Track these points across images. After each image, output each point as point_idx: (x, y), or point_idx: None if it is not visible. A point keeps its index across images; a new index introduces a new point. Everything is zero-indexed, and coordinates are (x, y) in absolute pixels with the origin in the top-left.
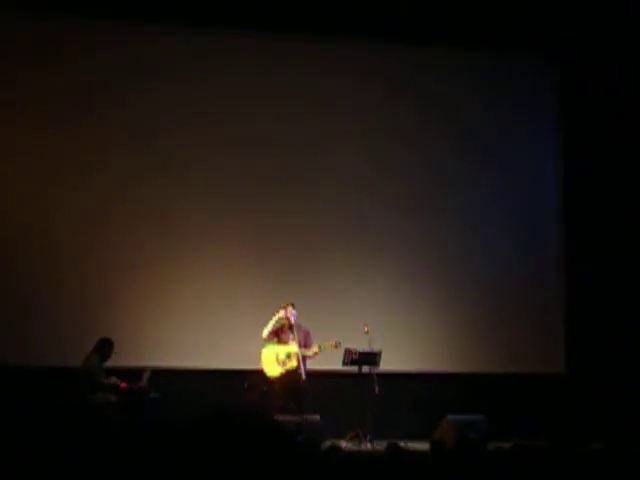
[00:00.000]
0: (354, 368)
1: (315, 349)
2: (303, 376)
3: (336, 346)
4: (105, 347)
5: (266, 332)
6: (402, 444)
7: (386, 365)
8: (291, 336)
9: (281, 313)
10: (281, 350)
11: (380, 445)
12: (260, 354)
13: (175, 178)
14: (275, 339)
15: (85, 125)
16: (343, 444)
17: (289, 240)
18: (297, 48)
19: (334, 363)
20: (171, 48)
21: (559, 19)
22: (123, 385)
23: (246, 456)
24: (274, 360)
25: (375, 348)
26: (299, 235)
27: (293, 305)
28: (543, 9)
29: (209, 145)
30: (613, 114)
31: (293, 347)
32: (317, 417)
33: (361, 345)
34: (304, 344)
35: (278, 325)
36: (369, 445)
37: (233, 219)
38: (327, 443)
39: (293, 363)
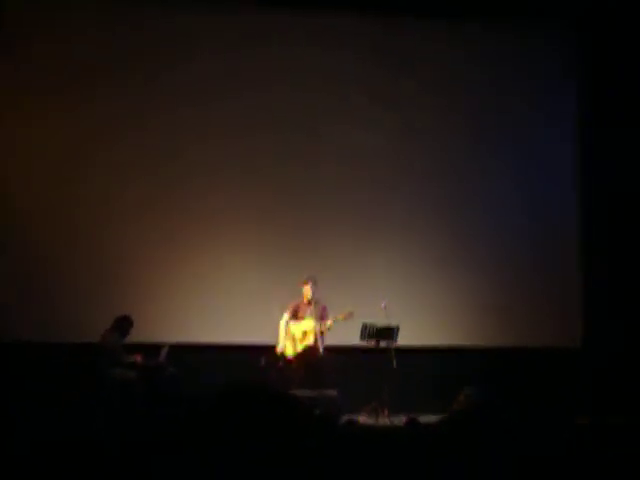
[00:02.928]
0: (372, 343)
1: (329, 322)
2: (321, 351)
3: (350, 314)
4: (124, 324)
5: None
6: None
7: (403, 340)
8: (308, 311)
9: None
10: (297, 328)
11: (398, 419)
12: (277, 329)
13: (192, 155)
14: (292, 318)
15: (101, 102)
16: (360, 418)
17: (307, 215)
18: (305, 23)
19: (352, 338)
20: (186, 26)
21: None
22: (142, 361)
23: (263, 430)
24: (291, 338)
25: (393, 323)
26: (317, 210)
27: (312, 280)
28: None
29: (224, 123)
30: (634, 94)
31: (309, 322)
32: (335, 392)
33: (379, 320)
34: (321, 318)
35: (294, 305)
36: (387, 419)
37: (250, 194)
38: (345, 417)
39: (310, 339)
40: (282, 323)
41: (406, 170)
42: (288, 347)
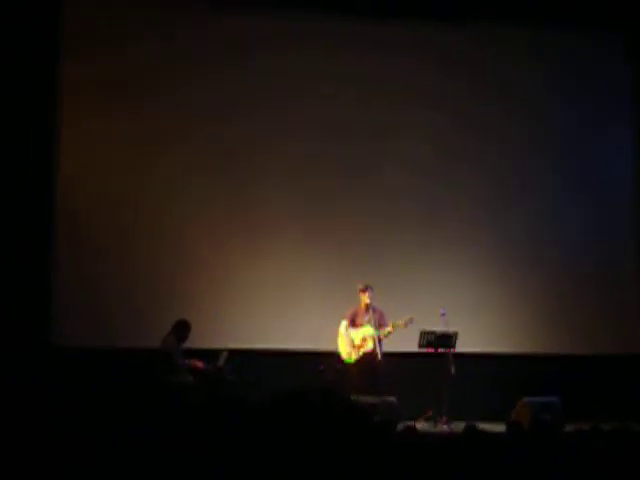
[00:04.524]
0: (430, 349)
1: (389, 328)
2: (379, 357)
3: (410, 320)
4: (182, 328)
5: (342, 329)
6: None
7: (462, 346)
8: (366, 318)
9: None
10: (357, 335)
11: (456, 426)
12: (336, 336)
13: (256, 160)
14: (351, 325)
15: (166, 104)
16: (419, 425)
17: (368, 223)
18: (362, 31)
19: (410, 344)
20: (249, 30)
21: None
22: (200, 366)
23: (323, 436)
24: (351, 345)
25: (451, 330)
26: (374, 217)
27: (370, 287)
28: None
29: (290, 128)
30: None
31: (368, 329)
32: (393, 398)
33: (437, 327)
34: (379, 324)
35: (351, 312)
36: (445, 426)
37: (313, 202)
38: (403, 424)
39: (369, 345)
40: (342, 330)
41: (466, 173)
42: (348, 353)
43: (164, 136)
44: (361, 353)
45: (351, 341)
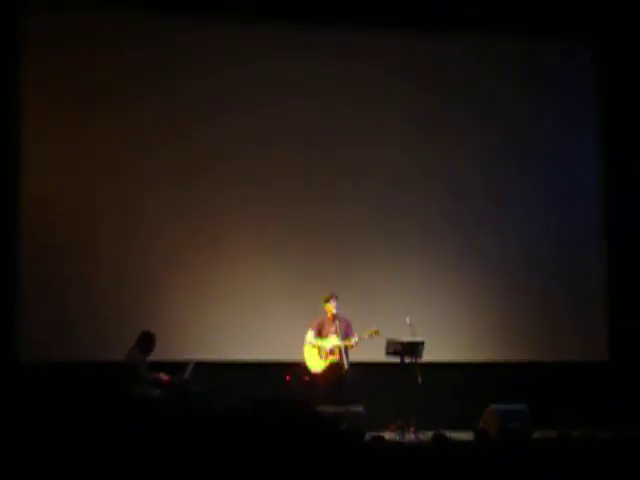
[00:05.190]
0: (397, 358)
1: (356, 339)
2: (346, 367)
3: (376, 332)
4: (147, 341)
5: (308, 339)
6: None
7: (428, 355)
8: (332, 328)
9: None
10: (323, 345)
11: (424, 435)
12: (302, 347)
13: (220, 171)
14: (316, 335)
15: (131, 111)
16: (386, 435)
17: (333, 233)
18: (331, 39)
19: (377, 353)
20: (220, 39)
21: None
22: (166, 379)
23: (290, 447)
24: (317, 355)
25: (418, 338)
26: (341, 228)
27: (335, 296)
28: None
29: (256, 137)
30: None
31: (335, 340)
32: (360, 408)
33: (403, 336)
34: (345, 334)
35: (317, 322)
36: (413, 436)
37: (279, 213)
38: (370, 434)
39: (336, 356)
40: (308, 340)
41: (431, 186)
42: (314, 363)
43: (130, 147)
44: (328, 363)
45: (318, 351)
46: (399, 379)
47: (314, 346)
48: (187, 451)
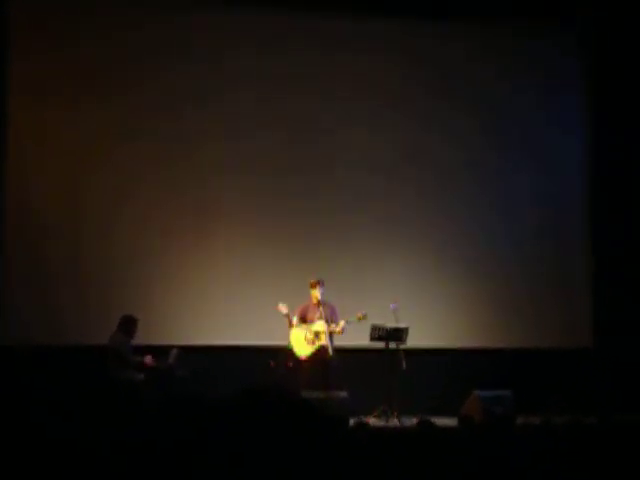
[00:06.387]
0: (381, 344)
1: (342, 324)
2: (331, 352)
3: (363, 317)
4: (129, 324)
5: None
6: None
7: (413, 341)
8: (317, 314)
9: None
10: (309, 329)
11: (408, 421)
12: (287, 332)
13: (206, 156)
14: (301, 321)
15: (116, 98)
16: (370, 420)
17: (318, 219)
18: (312, 25)
19: (361, 339)
20: (202, 25)
21: None
22: (150, 363)
23: (273, 433)
24: (303, 340)
25: (402, 324)
26: (328, 213)
27: (321, 282)
28: None
29: (241, 126)
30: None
31: (320, 325)
32: (344, 393)
33: (388, 321)
34: (330, 320)
35: (302, 307)
36: (396, 421)
37: (260, 198)
38: (354, 419)
39: (322, 340)
40: (293, 325)
41: (417, 173)
42: (300, 348)
43: (116, 132)
44: (313, 349)
45: (304, 337)
46: (383, 365)
47: (300, 332)
48: (171, 436)
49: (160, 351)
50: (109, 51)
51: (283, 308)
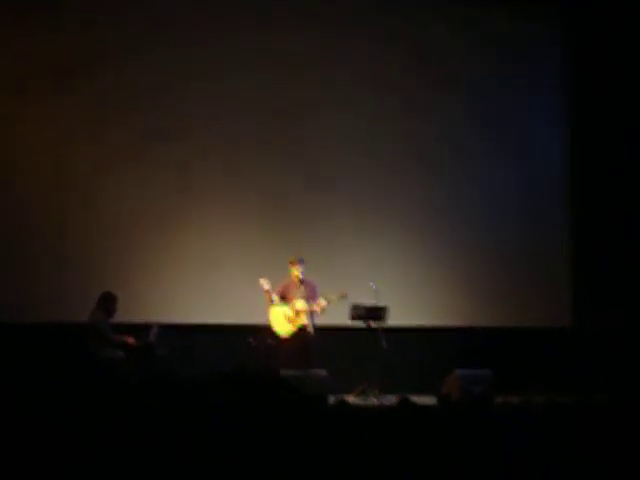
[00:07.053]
0: (361, 323)
1: (322, 302)
2: (311, 331)
3: (343, 297)
4: (109, 301)
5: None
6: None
7: (393, 320)
8: (298, 292)
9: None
10: (289, 308)
11: (387, 400)
12: (267, 310)
13: (190, 138)
14: (281, 299)
15: (99, 82)
16: (350, 399)
17: (298, 198)
18: (293, 6)
19: (341, 318)
20: (180, 8)
21: None
22: (131, 341)
23: (253, 412)
24: (283, 319)
25: (382, 303)
26: (307, 193)
27: (302, 260)
28: None
29: (212, 106)
30: (623, 70)
31: (300, 303)
32: (324, 372)
33: (368, 300)
34: (310, 298)
35: (282, 286)
36: (376, 400)
37: (241, 177)
38: (334, 398)
39: (302, 319)
40: (273, 303)
41: (396, 154)
42: (280, 327)
43: (98, 112)
44: (293, 327)
45: (284, 315)
46: (363, 344)
47: (280, 310)
48: (150, 416)
49: (140, 329)
50: (90, 37)
51: (265, 283)
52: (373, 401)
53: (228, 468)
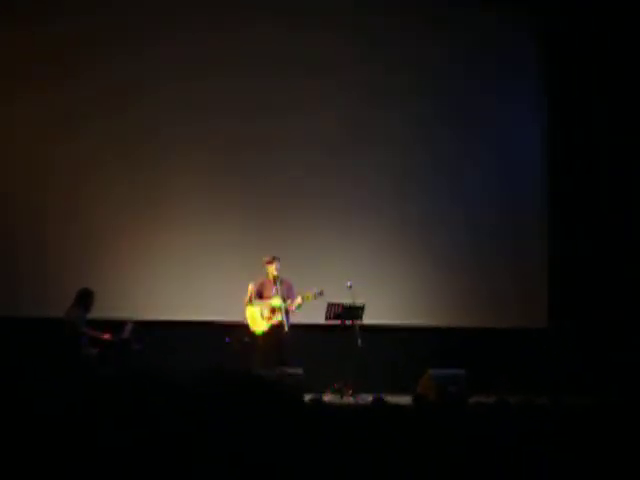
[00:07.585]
0: (337, 321)
1: (298, 300)
2: (286, 329)
3: (320, 294)
4: (86, 298)
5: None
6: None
7: (369, 318)
8: (274, 290)
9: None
10: (265, 306)
11: (362, 399)
12: (243, 307)
13: (169, 133)
14: (258, 297)
15: (80, 81)
16: (325, 397)
17: (272, 197)
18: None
19: (317, 316)
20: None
21: None
22: (105, 337)
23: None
24: (259, 317)
25: (358, 302)
26: (285, 193)
27: (277, 258)
28: None
29: (194, 105)
30: (599, 67)
31: (277, 301)
32: (299, 370)
33: (344, 299)
34: (287, 296)
35: (258, 284)
36: (351, 398)
37: (219, 176)
38: (309, 396)
39: (278, 317)
40: (247, 301)
41: (373, 153)
42: (256, 325)
43: (73, 116)
44: (269, 325)
45: (260, 313)
46: (339, 342)
47: (256, 308)
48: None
49: (115, 325)
50: (72, 30)
51: (251, 286)
52: (348, 399)
53: (210, 466)
